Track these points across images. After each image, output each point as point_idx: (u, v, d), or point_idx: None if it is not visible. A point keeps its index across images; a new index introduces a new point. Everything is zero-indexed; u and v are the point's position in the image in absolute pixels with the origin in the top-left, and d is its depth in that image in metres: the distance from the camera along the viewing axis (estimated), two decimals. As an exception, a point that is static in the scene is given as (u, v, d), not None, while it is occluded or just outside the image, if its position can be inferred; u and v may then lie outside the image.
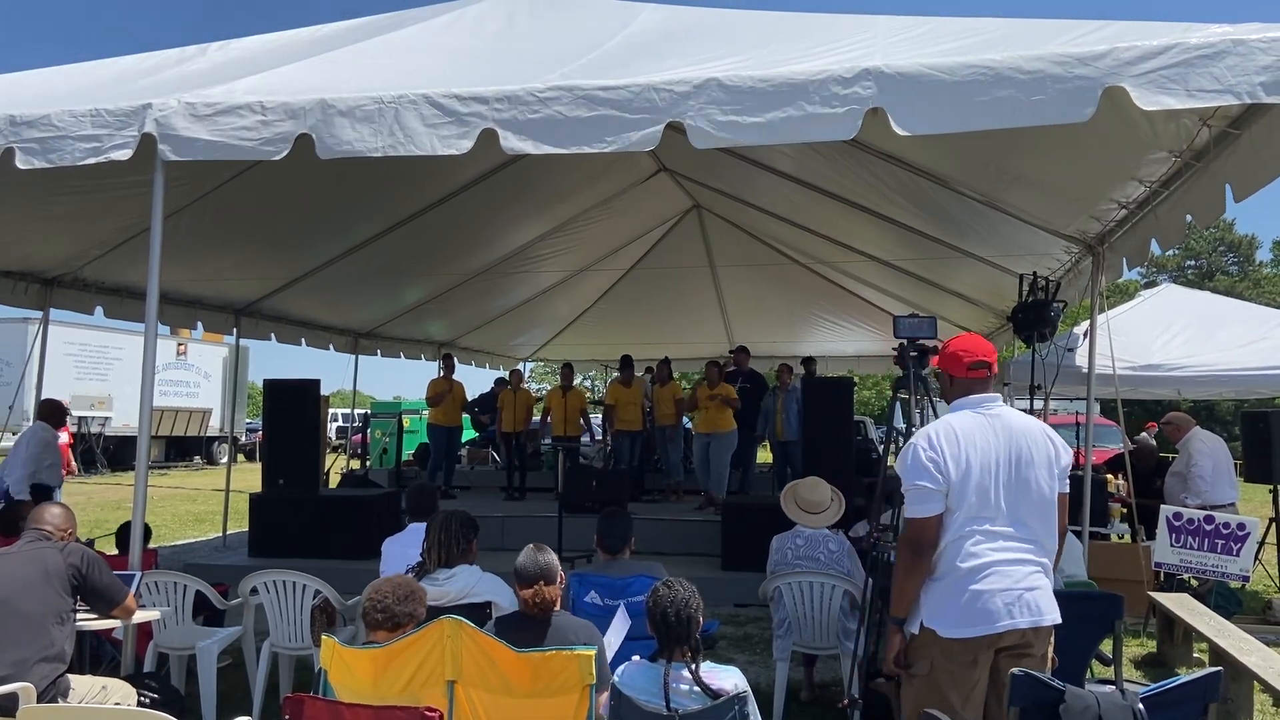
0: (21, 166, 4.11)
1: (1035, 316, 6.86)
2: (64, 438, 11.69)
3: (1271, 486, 7.67)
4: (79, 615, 3.68)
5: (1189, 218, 4.39)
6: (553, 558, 3.27)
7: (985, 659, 2.95)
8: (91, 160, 4.09)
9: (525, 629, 3.10)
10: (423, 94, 3.87)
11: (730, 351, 11.84)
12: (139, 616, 4.00)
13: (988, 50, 3.48)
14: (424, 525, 3.95)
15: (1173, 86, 3.21)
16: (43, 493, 7.25)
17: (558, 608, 3.22)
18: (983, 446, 3.00)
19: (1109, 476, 8.71)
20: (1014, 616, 2.92)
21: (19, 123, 4.12)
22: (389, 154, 3.86)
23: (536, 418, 11.86)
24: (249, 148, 4.01)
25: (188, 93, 4.18)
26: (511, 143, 3.78)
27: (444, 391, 11.13)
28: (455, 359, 11.92)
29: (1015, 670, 2.76)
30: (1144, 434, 11.23)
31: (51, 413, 7.88)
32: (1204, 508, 7.01)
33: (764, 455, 12.50)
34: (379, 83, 4.11)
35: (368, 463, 15.18)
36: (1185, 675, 2.81)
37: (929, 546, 2.98)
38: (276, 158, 4.00)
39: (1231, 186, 3.81)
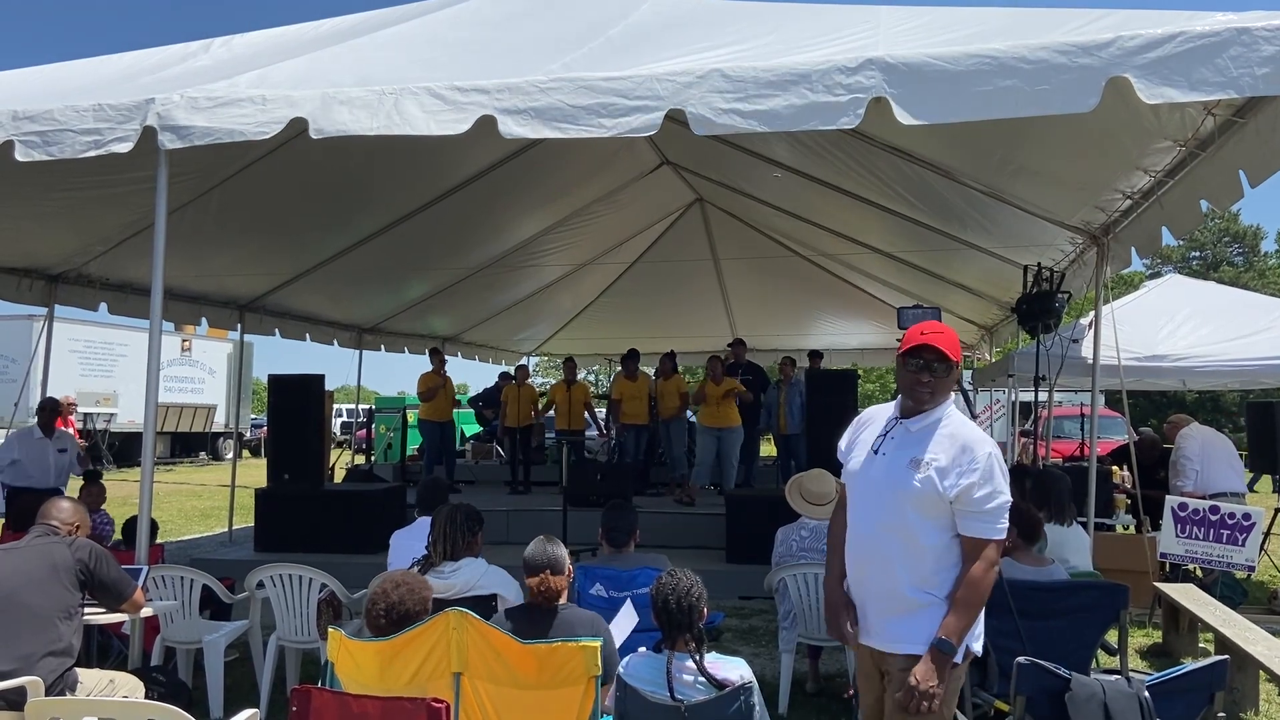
0: (20, 159, 4.10)
1: (1040, 308, 6.85)
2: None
3: (1277, 476, 7.67)
4: (87, 609, 3.70)
5: (1205, 204, 4.36)
6: (561, 550, 3.28)
7: None
8: (92, 153, 4.07)
9: (532, 620, 3.12)
10: (425, 86, 3.86)
11: (728, 345, 11.82)
12: (147, 611, 4.02)
13: (991, 39, 3.46)
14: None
15: (1176, 78, 3.19)
16: None
17: (564, 600, 3.23)
18: None
19: (1113, 468, 8.70)
20: None
21: (21, 117, 4.11)
22: (382, 133, 3.81)
23: (550, 413, 11.83)
24: (244, 129, 3.98)
25: (191, 88, 4.16)
26: (509, 127, 3.75)
27: (436, 386, 11.09)
28: (444, 353, 11.85)
29: (1021, 659, 2.76)
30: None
31: None
32: (1200, 494, 7.01)
33: (767, 449, 12.50)
34: (382, 75, 4.10)
35: (372, 458, 15.20)
36: (1191, 664, 2.82)
37: None
38: (269, 135, 3.97)
39: (1245, 172, 3.79)
